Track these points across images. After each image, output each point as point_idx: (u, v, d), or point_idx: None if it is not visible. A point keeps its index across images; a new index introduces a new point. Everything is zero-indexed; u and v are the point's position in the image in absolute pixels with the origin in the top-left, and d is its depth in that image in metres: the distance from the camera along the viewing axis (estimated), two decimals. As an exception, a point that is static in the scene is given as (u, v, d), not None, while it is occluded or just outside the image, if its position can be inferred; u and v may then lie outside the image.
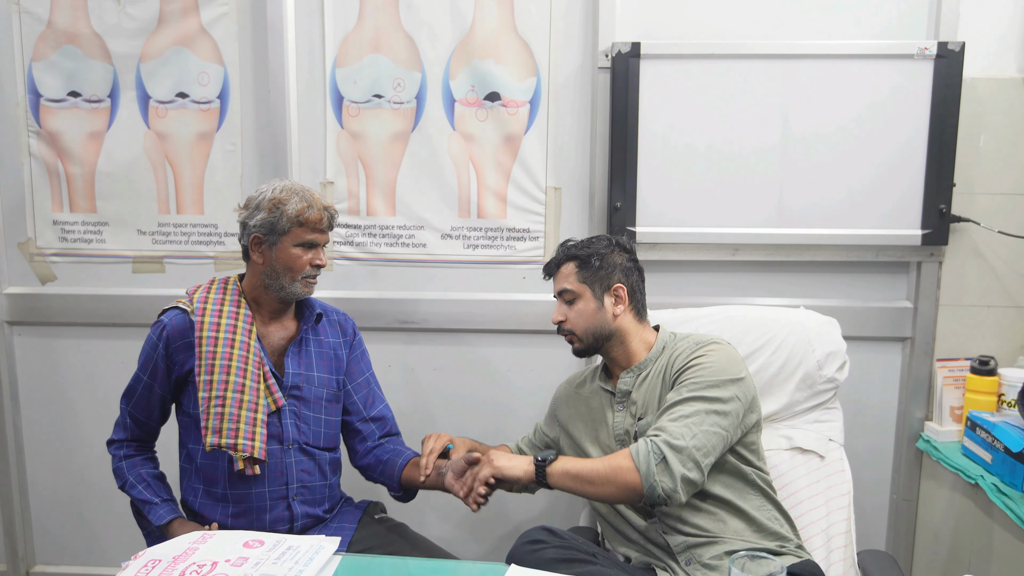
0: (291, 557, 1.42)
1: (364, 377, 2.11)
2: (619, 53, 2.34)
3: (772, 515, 1.79)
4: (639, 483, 1.62)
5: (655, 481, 1.61)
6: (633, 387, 1.88)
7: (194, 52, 2.52)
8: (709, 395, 1.71)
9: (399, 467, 2.02)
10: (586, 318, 1.89)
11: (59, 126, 2.57)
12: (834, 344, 2.15)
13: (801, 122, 2.36)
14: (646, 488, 1.61)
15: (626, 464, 1.64)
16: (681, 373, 1.78)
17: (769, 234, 2.41)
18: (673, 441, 1.64)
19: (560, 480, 1.69)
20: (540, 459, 1.71)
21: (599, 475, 1.66)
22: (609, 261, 1.90)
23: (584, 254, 1.90)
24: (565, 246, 1.96)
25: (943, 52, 2.28)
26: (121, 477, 1.96)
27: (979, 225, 2.37)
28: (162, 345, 1.91)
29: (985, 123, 2.37)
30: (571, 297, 1.90)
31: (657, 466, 1.61)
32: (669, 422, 1.69)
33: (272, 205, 1.87)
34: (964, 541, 2.27)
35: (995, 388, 2.33)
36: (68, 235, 2.64)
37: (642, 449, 1.64)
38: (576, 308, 1.90)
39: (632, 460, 1.63)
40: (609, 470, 1.65)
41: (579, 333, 1.90)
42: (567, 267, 1.92)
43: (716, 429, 1.68)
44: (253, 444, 1.84)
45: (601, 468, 1.67)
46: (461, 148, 2.50)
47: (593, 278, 1.89)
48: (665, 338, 1.92)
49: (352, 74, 2.49)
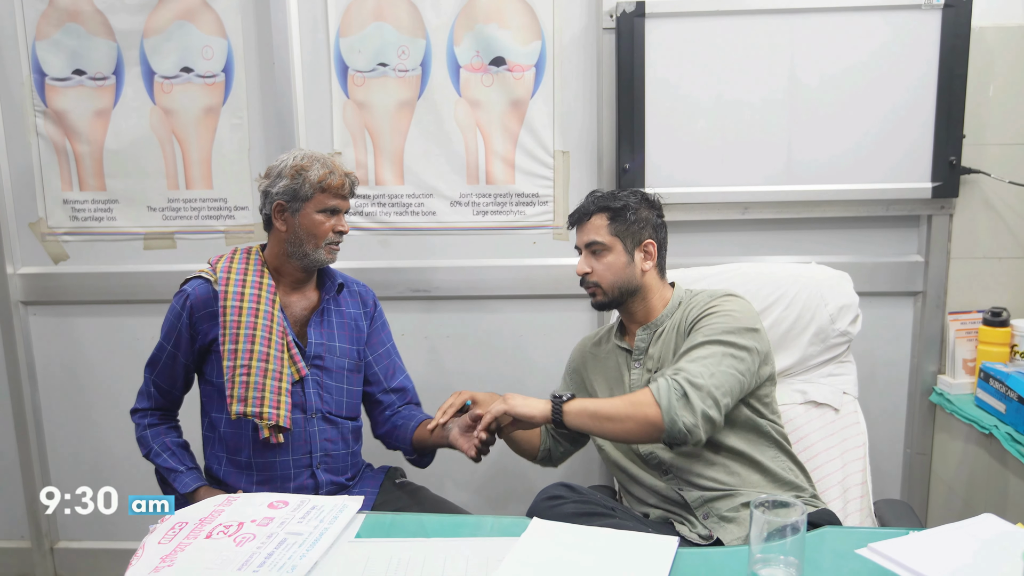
0: (316, 516, 1.44)
1: (385, 348, 2.12)
2: (624, 13, 2.33)
3: (787, 466, 1.81)
4: (660, 418, 1.61)
5: (676, 415, 1.60)
6: (650, 343, 1.89)
7: (197, 26, 2.51)
8: (726, 339, 1.72)
9: (411, 429, 2.05)
10: (615, 272, 1.87)
11: (65, 105, 2.57)
12: (846, 297, 2.15)
13: (808, 77, 2.34)
14: (667, 422, 1.60)
15: (646, 399, 1.64)
16: (697, 321, 1.78)
17: (778, 191, 2.40)
18: (693, 379, 1.64)
19: (577, 418, 1.68)
20: (556, 396, 1.71)
21: (618, 411, 1.66)
22: (641, 215, 1.88)
23: (617, 206, 1.87)
24: (595, 196, 1.92)
25: (951, 1, 2.26)
26: (145, 445, 1.99)
27: (990, 176, 2.36)
28: (185, 314, 1.92)
29: (994, 72, 2.35)
30: (599, 249, 1.87)
31: (678, 401, 1.61)
32: (687, 363, 1.69)
33: (294, 172, 1.88)
34: (978, 491, 2.29)
35: (1008, 339, 2.33)
36: (79, 214, 2.65)
37: (663, 385, 1.64)
38: (605, 261, 1.87)
39: (652, 396, 1.63)
40: (629, 406, 1.65)
41: (605, 286, 1.88)
42: (598, 219, 1.88)
43: (733, 372, 1.68)
44: (279, 412, 1.86)
45: (620, 404, 1.67)
46: (468, 114, 2.49)
47: (626, 232, 1.87)
48: (680, 294, 1.92)
49: (356, 43, 2.48)
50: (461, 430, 1.87)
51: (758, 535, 1.21)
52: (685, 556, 1.36)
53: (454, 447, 1.88)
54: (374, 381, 2.10)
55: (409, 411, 2.11)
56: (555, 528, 1.44)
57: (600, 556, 1.33)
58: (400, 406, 2.12)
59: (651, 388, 1.65)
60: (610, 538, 1.40)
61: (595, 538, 1.40)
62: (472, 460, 1.84)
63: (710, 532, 1.72)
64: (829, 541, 1.40)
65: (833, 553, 1.35)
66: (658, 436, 1.65)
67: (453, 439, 1.88)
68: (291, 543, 1.35)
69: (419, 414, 2.10)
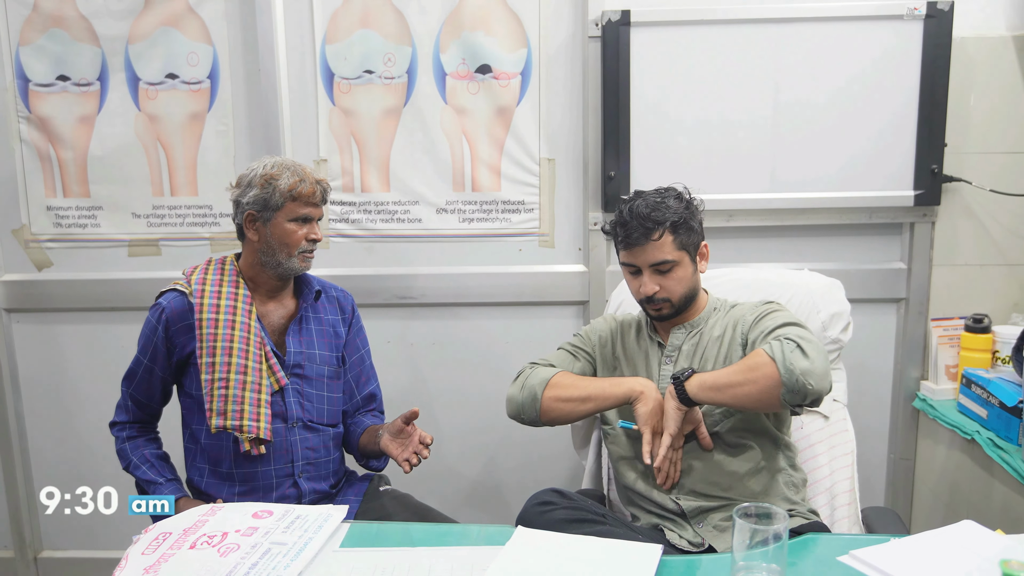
0: (300, 526, 1.44)
1: (359, 354, 2.12)
2: (609, 22, 2.34)
3: (791, 481, 1.81)
4: (777, 372, 1.57)
5: (792, 365, 1.56)
6: (683, 342, 1.87)
7: (182, 32, 2.50)
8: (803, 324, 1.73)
9: (357, 435, 2.06)
10: (684, 284, 1.81)
11: (49, 111, 2.56)
12: (838, 305, 2.17)
13: (792, 85, 2.36)
14: (785, 376, 1.56)
15: (761, 359, 1.61)
16: (762, 317, 1.78)
17: (762, 199, 2.42)
18: (804, 336, 1.63)
19: (701, 392, 1.67)
20: (676, 376, 1.70)
21: (737, 378, 1.63)
22: (696, 219, 1.83)
23: (678, 220, 1.78)
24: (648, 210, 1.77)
25: (932, 12, 2.29)
26: (125, 458, 1.98)
27: (971, 184, 2.39)
28: (161, 328, 1.91)
29: (975, 82, 2.38)
30: (670, 267, 1.78)
31: (792, 353, 1.58)
32: (785, 330, 1.67)
33: (264, 181, 1.87)
34: (961, 496, 2.31)
35: (989, 345, 2.35)
36: (62, 220, 2.63)
37: (775, 345, 1.61)
38: (675, 276, 1.79)
39: (766, 355, 1.61)
40: (747, 371, 1.63)
41: (675, 300, 1.81)
42: (664, 236, 1.77)
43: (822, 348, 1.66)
44: (258, 425, 1.85)
45: (737, 371, 1.65)
46: (454, 121, 2.50)
47: (688, 242, 1.81)
48: (715, 300, 1.92)
49: (342, 50, 2.48)
50: (391, 435, 1.88)
51: (741, 543, 1.22)
52: (669, 564, 1.37)
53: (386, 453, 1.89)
54: (345, 387, 2.09)
55: (367, 418, 2.11)
56: (540, 536, 1.44)
57: (584, 564, 1.34)
58: (364, 412, 2.12)
59: (764, 350, 1.62)
60: (594, 546, 1.41)
61: (579, 546, 1.41)
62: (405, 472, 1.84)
63: (702, 539, 1.72)
64: (811, 548, 1.41)
65: (815, 560, 1.36)
66: (779, 393, 1.59)
67: (384, 445, 1.89)
68: (276, 553, 1.34)
69: (369, 421, 2.10)
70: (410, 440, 1.85)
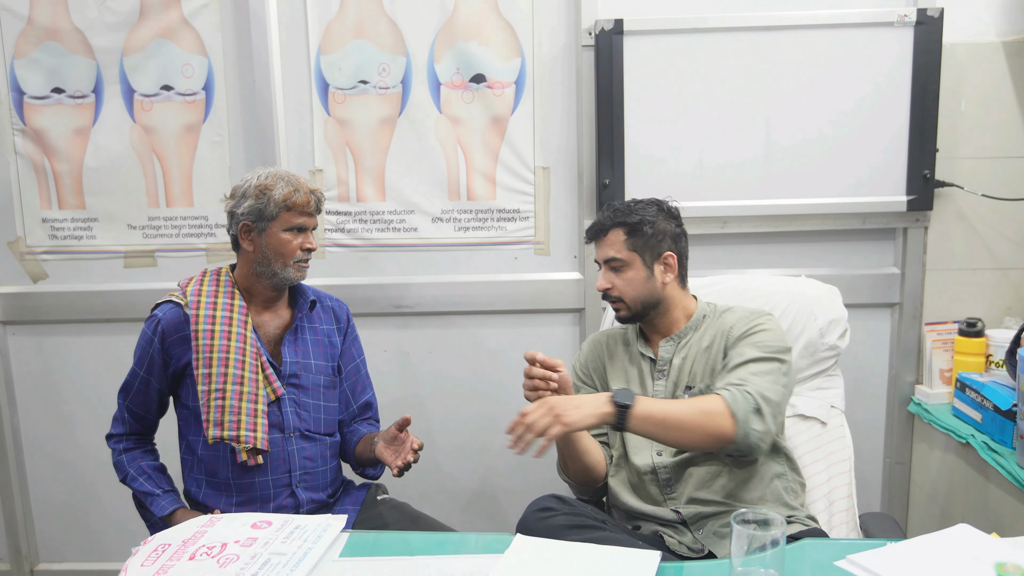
0: (299, 536, 1.44)
1: (354, 364, 2.12)
2: (602, 31, 2.36)
3: (790, 486, 1.82)
4: (733, 429, 1.59)
5: (750, 428, 1.59)
6: (673, 355, 1.88)
7: (177, 44, 2.51)
8: (779, 357, 1.73)
9: (353, 444, 2.07)
10: (635, 287, 1.85)
11: (44, 123, 2.56)
12: (836, 312, 2.17)
13: (784, 92, 2.38)
14: (739, 435, 1.59)
15: (719, 408, 1.60)
16: (745, 336, 1.78)
17: (756, 205, 2.44)
18: (765, 393, 1.63)
19: (643, 425, 1.60)
20: (619, 401, 1.60)
21: (690, 420, 1.61)
22: (659, 228, 1.86)
23: (634, 221, 1.85)
24: (612, 210, 1.89)
25: (922, 18, 2.31)
26: (122, 470, 1.98)
27: (963, 189, 2.40)
28: (157, 339, 1.91)
29: (966, 88, 2.40)
30: (619, 265, 1.86)
31: (754, 414, 1.60)
32: (751, 375, 1.67)
33: (258, 191, 1.88)
34: (957, 499, 2.31)
35: (983, 349, 2.36)
36: (58, 232, 2.63)
37: (738, 396, 1.61)
38: (625, 276, 1.85)
39: (727, 405, 1.60)
40: (701, 415, 1.61)
41: (628, 301, 1.86)
42: (615, 234, 1.86)
43: (785, 391, 1.70)
44: (255, 435, 1.85)
45: (690, 413, 1.62)
46: (448, 131, 2.51)
47: (643, 246, 1.85)
48: (704, 308, 1.91)
49: (337, 60, 2.49)
50: (386, 442, 1.89)
51: (739, 549, 1.23)
52: (668, 570, 1.37)
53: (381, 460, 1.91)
54: (341, 397, 2.10)
55: (362, 427, 2.12)
56: (539, 544, 1.45)
57: (583, 571, 1.34)
58: (359, 421, 2.13)
59: (724, 397, 1.62)
60: (593, 553, 1.41)
61: (578, 554, 1.41)
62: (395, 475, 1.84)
63: (703, 545, 1.72)
64: (808, 553, 1.41)
65: (812, 565, 1.37)
66: (724, 447, 1.63)
67: (378, 453, 1.90)
68: (275, 563, 1.34)
69: (364, 429, 2.11)
70: (403, 447, 1.86)
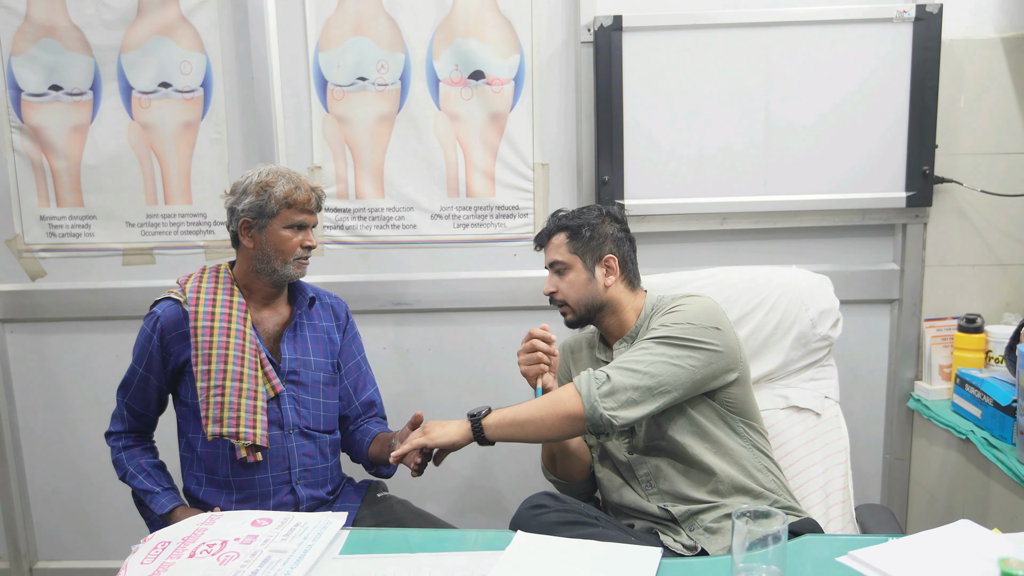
0: (300, 533, 1.44)
1: (355, 361, 2.12)
2: (601, 27, 2.35)
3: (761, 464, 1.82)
4: (581, 407, 1.62)
5: (595, 402, 1.62)
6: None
7: (175, 41, 2.50)
8: (672, 335, 1.72)
9: (366, 445, 2.06)
10: (577, 289, 1.89)
11: (42, 121, 2.56)
12: (827, 302, 2.16)
13: (783, 88, 2.38)
14: (587, 410, 1.62)
15: (567, 392, 1.65)
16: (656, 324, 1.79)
17: (756, 201, 2.43)
18: (622, 364, 1.66)
19: (499, 430, 1.66)
20: (473, 414, 1.67)
21: (538, 412, 1.65)
22: (600, 231, 1.90)
23: (574, 225, 1.90)
24: (556, 216, 1.95)
25: (921, 15, 2.30)
26: (121, 468, 1.98)
27: (962, 185, 2.40)
28: (156, 336, 1.90)
29: (965, 84, 2.40)
30: (562, 268, 1.90)
31: (598, 388, 1.63)
32: (627, 362, 1.69)
33: (259, 188, 1.87)
34: (957, 495, 2.32)
35: (982, 345, 2.36)
36: (56, 230, 2.63)
37: (583, 376, 1.66)
38: (567, 279, 1.89)
39: (574, 387, 1.65)
40: (550, 404, 1.65)
41: (571, 304, 1.90)
42: (558, 238, 1.91)
43: (674, 363, 1.68)
44: (255, 432, 1.85)
45: (540, 404, 1.67)
46: (447, 128, 2.50)
47: (584, 249, 1.89)
48: (652, 300, 1.93)
49: (335, 57, 2.49)
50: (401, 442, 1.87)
51: (740, 545, 1.22)
52: (669, 566, 1.37)
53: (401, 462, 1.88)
54: (343, 395, 2.09)
55: (371, 425, 2.12)
56: (539, 541, 1.44)
57: (585, 568, 1.34)
58: (365, 420, 2.13)
59: (573, 380, 1.67)
60: (594, 550, 1.41)
61: (579, 550, 1.41)
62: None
63: (695, 543, 1.72)
64: (810, 549, 1.41)
65: (814, 561, 1.37)
66: (581, 427, 1.65)
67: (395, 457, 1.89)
68: (275, 561, 1.34)
69: (375, 428, 2.10)
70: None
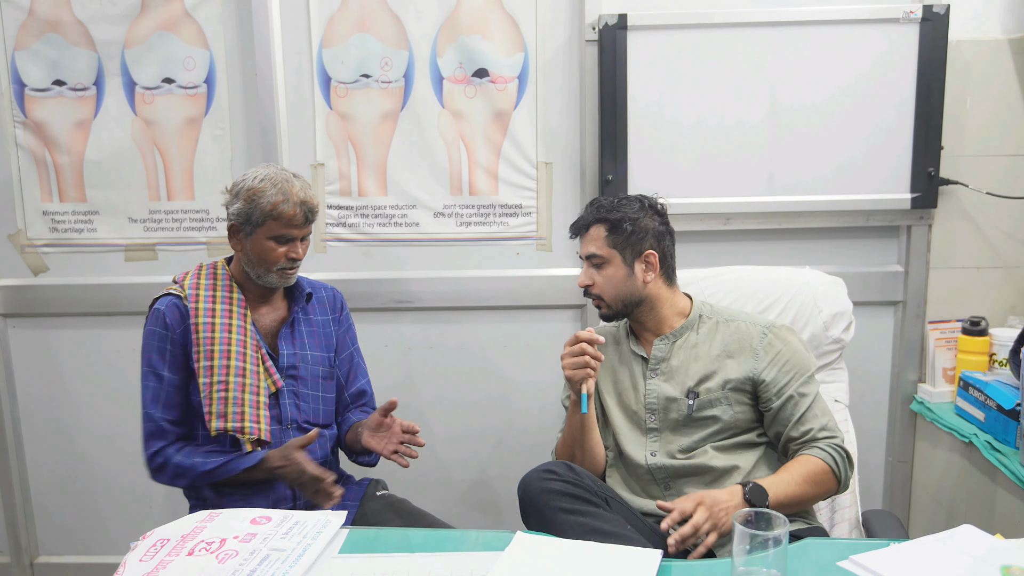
0: (299, 532, 1.43)
1: (348, 351, 2.11)
2: (606, 25, 2.34)
3: None
4: (836, 487, 1.74)
5: (848, 481, 1.75)
6: (669, 354, 1.86)
7: (179, 37, 2.50)
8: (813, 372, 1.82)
9: (343, 432, 2.05)
10: (615, 284, 1.84)
11: (45, 116, 2.56)
12: (840, 304, 2.15)
13: (789, 88, 2.36)
14: (841, 490, 1.76)
15: (824, 475, 1.71)
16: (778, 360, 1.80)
17: (760, 202, 2.42)
18: (844, 443, 1.76)
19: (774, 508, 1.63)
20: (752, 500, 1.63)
21: (805, 496, 1.71)
22: (641, 226, 1.84)
23: (615, 218, 1.83)
24: (595, 207, 1.88)
25: (928, 15, 2.29)
26: (188, 468, 1.85)
27: (967, 187, 2.39)
28: (170, 332, 1.88)
29: (971, 85, 2.39)
30: (600, 262, 1.84)
31: (849, 469, 1.75)
32: (823, 418, 1.78)
33: (249, 195, 1.84)
34: (959, 499, 2.31)
35: (986, 348, 2.35)
36: (59, 225, 2.63)
37: (838, 460, 1.72)
38: (605, 273, 1.84)
39: (830, 470, 1.71)
40: (813, 487, 1.71)
41: (607, 299, 1.85)
42: (596, 229, 1.85)
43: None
44: (259, 426, 1.85)
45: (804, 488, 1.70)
46: (451, 125, 2.50)
47: (624, 244, 1.83)
48: (700, 308, 1.90)
49: (339, 54, 2.48)
50: (371, 431, 1.87)
51: (741, 548, 1.22)
52: (669, 569, 1.36)
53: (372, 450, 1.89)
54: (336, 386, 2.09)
55: (355, 415, 2.10)
56: (539, 542, 1.44)
57: (584, 569, 1.33)
58: (354, 409, 2.11)
59: (827, 463, 1.71)
60: (593, 551, 1.40)
61: (578, 551, 1.40)
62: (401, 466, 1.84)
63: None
64: (811, 553, 1.40)
65: (815, 565, 1.36)
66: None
67: (365, 442, 1.88)
68: (274, 559, 1.34)
69: (355, 417, 2.08)
70: (391, 432, 1.85)
